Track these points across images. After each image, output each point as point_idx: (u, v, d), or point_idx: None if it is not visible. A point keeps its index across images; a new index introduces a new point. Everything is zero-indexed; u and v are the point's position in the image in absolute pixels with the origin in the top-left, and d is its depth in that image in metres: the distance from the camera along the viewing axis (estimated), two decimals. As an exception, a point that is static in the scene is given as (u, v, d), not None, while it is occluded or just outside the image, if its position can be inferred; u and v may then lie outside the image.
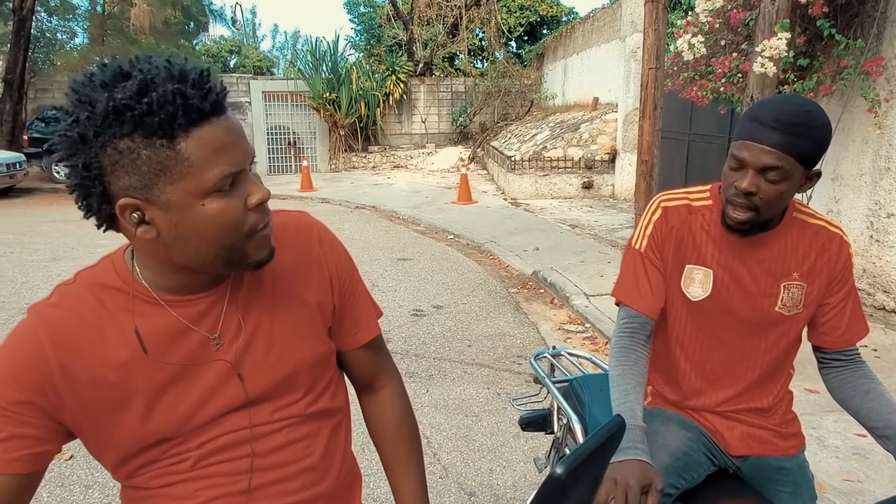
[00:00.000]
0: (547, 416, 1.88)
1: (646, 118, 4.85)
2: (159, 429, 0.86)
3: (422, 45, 17.01)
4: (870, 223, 4.51)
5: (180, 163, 0.74)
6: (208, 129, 0.75)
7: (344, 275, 1.01)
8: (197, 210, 0.77)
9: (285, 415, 0.94)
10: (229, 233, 0.80)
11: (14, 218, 9.20)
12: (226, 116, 0.78)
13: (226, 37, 26.62)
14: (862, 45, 4.14)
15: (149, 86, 0.71)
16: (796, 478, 1.38)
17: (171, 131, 0.72)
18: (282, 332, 0.93)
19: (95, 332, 0.84)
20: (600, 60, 11.20)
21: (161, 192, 0.75)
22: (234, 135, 0.78)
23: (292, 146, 15.26)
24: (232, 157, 0.77)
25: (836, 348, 1.36)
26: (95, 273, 0.88)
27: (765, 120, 1.17)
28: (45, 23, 15.77)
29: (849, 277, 1.33)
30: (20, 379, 0.81)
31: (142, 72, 0.73)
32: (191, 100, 0.73)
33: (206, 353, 0.88)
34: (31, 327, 0.84)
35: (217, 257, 0.82)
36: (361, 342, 1.04)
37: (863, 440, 2.68)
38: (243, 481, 0.91)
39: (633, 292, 1.37)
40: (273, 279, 0.94)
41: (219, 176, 0.76)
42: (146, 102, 0.71)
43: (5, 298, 5.28)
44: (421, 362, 3.95)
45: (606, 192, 10.17)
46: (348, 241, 7.45)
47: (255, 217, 0.81)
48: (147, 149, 0.73)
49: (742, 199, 1.22)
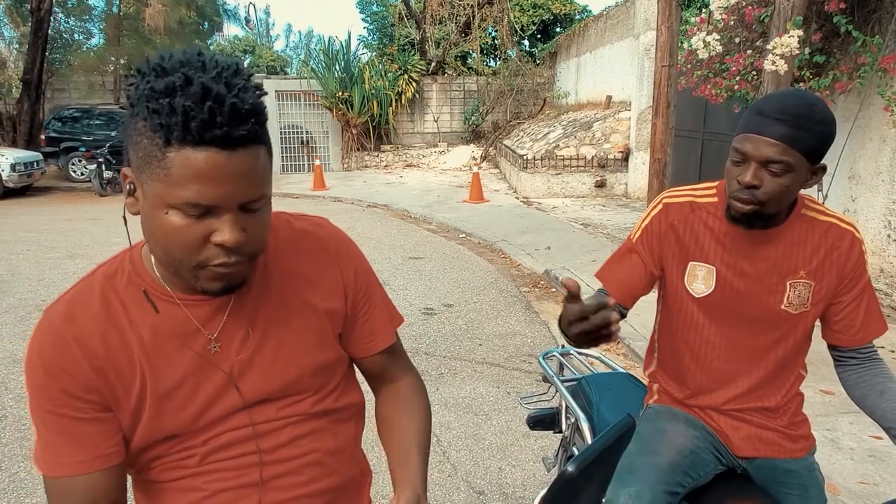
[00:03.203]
0: (555, 415, 1.87)
1: (659, 116, 4.82)
2: (171, 426, 0.88)
3: (434, 43, 17.01)
4: (887, 222, 4.44)
5: (162, 168, 0.74)
6: (200, 156, 0.73)
7: (360, 284, 1.00)
8: (159, 214, 0.77)
9: (290, 413, 0.94)
10: (178, 251, 0.79)
11: (31, 216, 9.32)
12: (233, 153, 0.74)
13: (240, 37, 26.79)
14: (880, 41, 4.08)
15: (175, 90, 0.72)
16: (805, 481, 1.36)
17: (167, 137, 0.73)
18: (289, 338, 0.93)
19: (111, 327, 0.86)
20: (613, 58, 11.13)
21: (145, 181, 0.77)
22: (223, 174, 0.74)
23: (305, 145, 15.33)
24: (209, 191, 0.75)
25: (850, 346, 1.34)
26: (112, 266, 0.90)
27: (767, 112, 1.16)
28: (63, 23, 15.96)
29: (862, 275, 1.31)
30: (55, 371, 0.83)
31: (184, 75, 0.73)
32: (196, 122, 0.71)
33: (207, 355, 0.89)
34: (49, 327, 0.86)
35: (169, 265, 0.83)
36: (374, 351, 1.04)
37: (878, 442, 2.64)
38: (251, 474, 0.92)
39: (611, 275, 1.42)
40: (284, 285, 0.94)
41: (184, 199, 0.75)
42: (162, 102, 0.72)
43: (23, 295, 5.35)
44: (431, 361, 3.95)
45: (619, 191, 10.10)
46: (360, 239, 7.47)
47: (212, 252, 0.79)
48: (147, 140, 0.74)
49: (745, 193, 1.20)
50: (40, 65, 13.39)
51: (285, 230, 0.97)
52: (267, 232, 0.85)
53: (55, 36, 14.91)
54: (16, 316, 4.82)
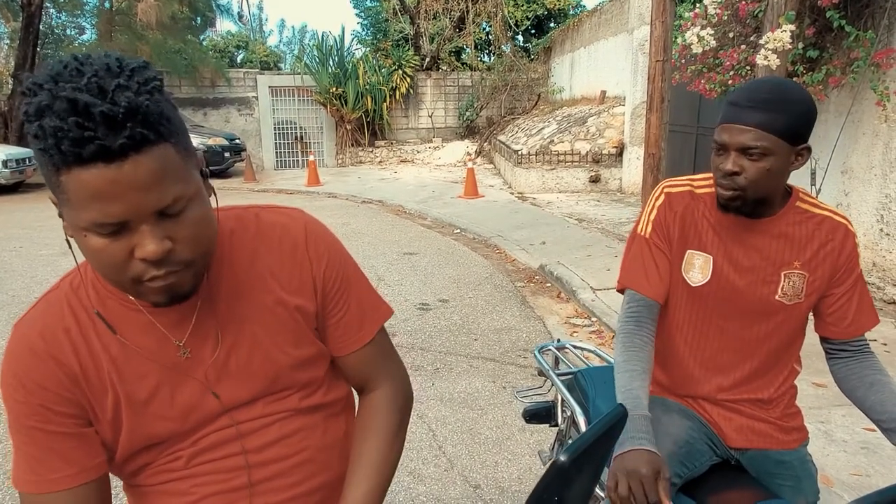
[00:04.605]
0: (551, 409, 1.88)
1: (653, 111, 4.83)
2: (153, 434, 0.87)
3: (428, 39, 16.96)
4: (880, 216, 4.46)
5: (62, 192, 0.69)
6: (87, 175, 0.66)
7: (332, 279, 0.95)
8: (80, 237, 0.73)
9: (277, 409, 0.93)
10: (108, 271, 0.75)
11: (24, 213, 9.26)
12: (123, 163, 0.67)
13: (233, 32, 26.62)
14: (872, 36, 4.09)
15: (44, 111, 0.65)
16: (798, 472, 1.37)
17: (52, 162, 0.67)
18: (263, 337, 0.90)
19: (82, 341, 0.84)
20: (608, 54, 11.13)
21: (60, 205, 0.72)
22: (120, 188, 0.67)
23: (299, 141, 15.29)
24: (111, 208, 0.68)
25: (842, 339, 1.34)
26: (77, 277, 0.87)
27: (740, 101, 1.20)
28: (54, 19, 15.83)
29: (855, 267, 1.32)
30: (33, 388, 0.81)
31: (48, 91, 0.66)
32: (67, 142, 0.64)
33: (178, 362, 0.87)
34: (22, 343, 0.83)
35: (110, 283, 0.80)
36: (349, 350, 0.99)
37: (871, 434, 2.66)
38: (240, 477, 0.90)
39: (641, 277, 1.36)
40: (253, 283, 0.91)
41: (90, 221, 0.69)
42: (35, 127, 0.66)
43: (15, 293, 5.33)
44: (427, 356, 3.95)
45: (614, 186, 10.12)
46: (355, 235, 7.47)
47: (140, 268, 0.74)
48: (43, 165, 0.69)
49: (727, 180, 1.24)
50: (31, 60, 13.28)
51: (253, 225, 0.93)
52: (206, 230, 0.78)
53: (46, 31, 14.80)
54: (9, 313, 4.80)
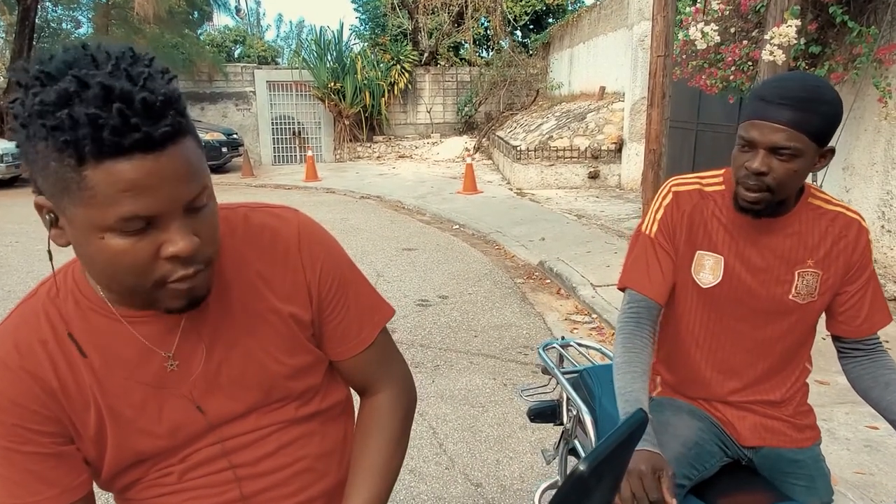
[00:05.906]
0: (556, 408, 1.85)
1: (654, 106, 4.79)
2: (140, 450, 0.83)
3: (427, 34, 16.89)
4: (881, 213, 4.45)
5: (83, 189, 0.63)
6: (125, 166, 0.63)
7: (328, 283, 0.90)
8: (95, 241, 0.67)
9: (272, 420, 0.89)
10: (129, 275, 0.70)
11: (19, 208, 9.19)
12: (161, 154, 0.64)
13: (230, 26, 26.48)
14: (875, 32, 4.07)
15: (71, 98, 0.61)
16: (811, 471, 1.35)
17: (80, 154, 0.62)
18: (256, 348, 0.86)
19: (60, 354, 0.79)
20: (607, 49, 11.09)
21: (67, 208, 0.67)
22: (158, 180, 0.65)
23: (297, 136, 15.23)
24: (147, 201, 0.65)
25: (855, 338, 1.32)
26: (55, 286, 0.82)
27: (772, 97, 1.14)
28: (50, 12, 15.72)
29: (868, 265, 1.30)
30: (6, 405, 0.76)
31: (76, 78, 0.61)
32: (107, 130, 0.61)
33: (165, 375, 0.82)
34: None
35: (122, 292, 0.75)
36: (348, 355, 0.95)
37: (874, 433, 2.65)
38: (232, 491, 0.87)
39: (643, 277, 1.33)
40: (244, 290, 0.85)
41: (120, 216, 0.65)
42: (60, 116, 0.61)
43: (11, 288, 5.29)
44: (426, 353, 3.93)
45: (613, 182, 10.10)
46: (353, 230, 7.43)
47: (167, 268, 0.70)
48: (55, 162, 0.63)
49: (753, 179, 1.18)
50: (27, 54, 13.18)
51: (242, 227, 0.87)
52: (219, 226, 0.76)
53: (42, 25, 14.69)
54: (4, 308, 4.76)
